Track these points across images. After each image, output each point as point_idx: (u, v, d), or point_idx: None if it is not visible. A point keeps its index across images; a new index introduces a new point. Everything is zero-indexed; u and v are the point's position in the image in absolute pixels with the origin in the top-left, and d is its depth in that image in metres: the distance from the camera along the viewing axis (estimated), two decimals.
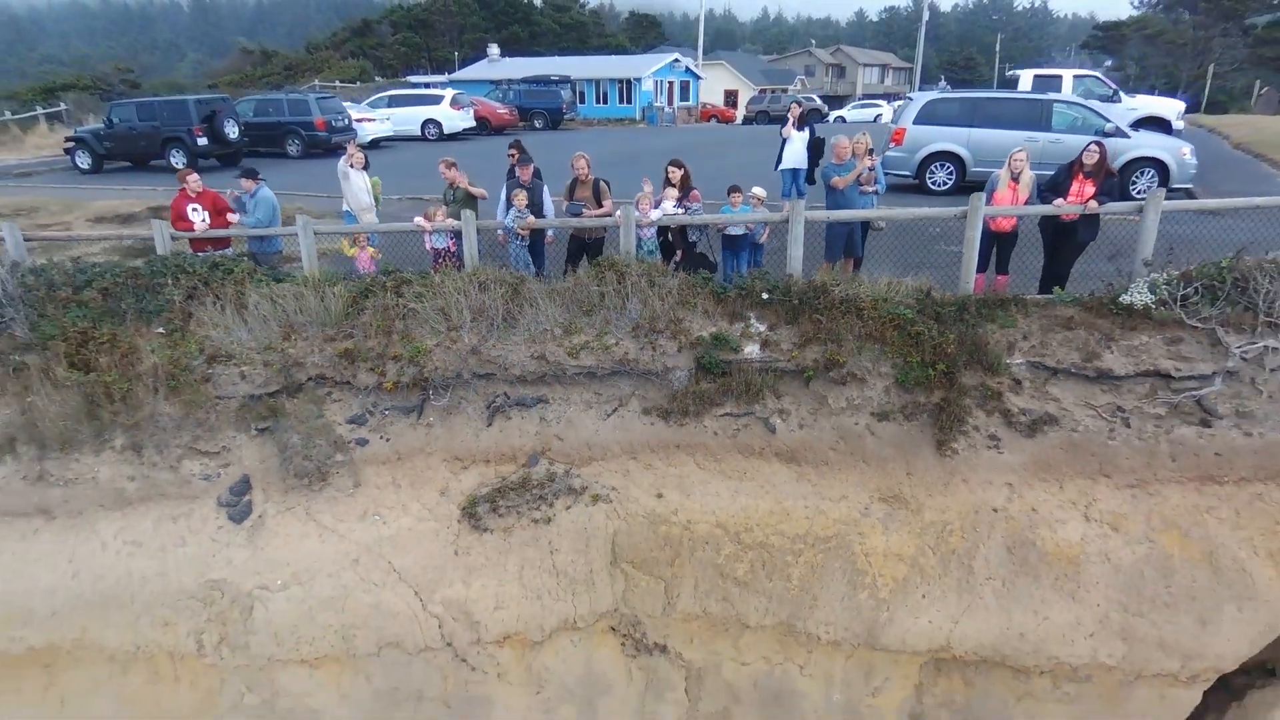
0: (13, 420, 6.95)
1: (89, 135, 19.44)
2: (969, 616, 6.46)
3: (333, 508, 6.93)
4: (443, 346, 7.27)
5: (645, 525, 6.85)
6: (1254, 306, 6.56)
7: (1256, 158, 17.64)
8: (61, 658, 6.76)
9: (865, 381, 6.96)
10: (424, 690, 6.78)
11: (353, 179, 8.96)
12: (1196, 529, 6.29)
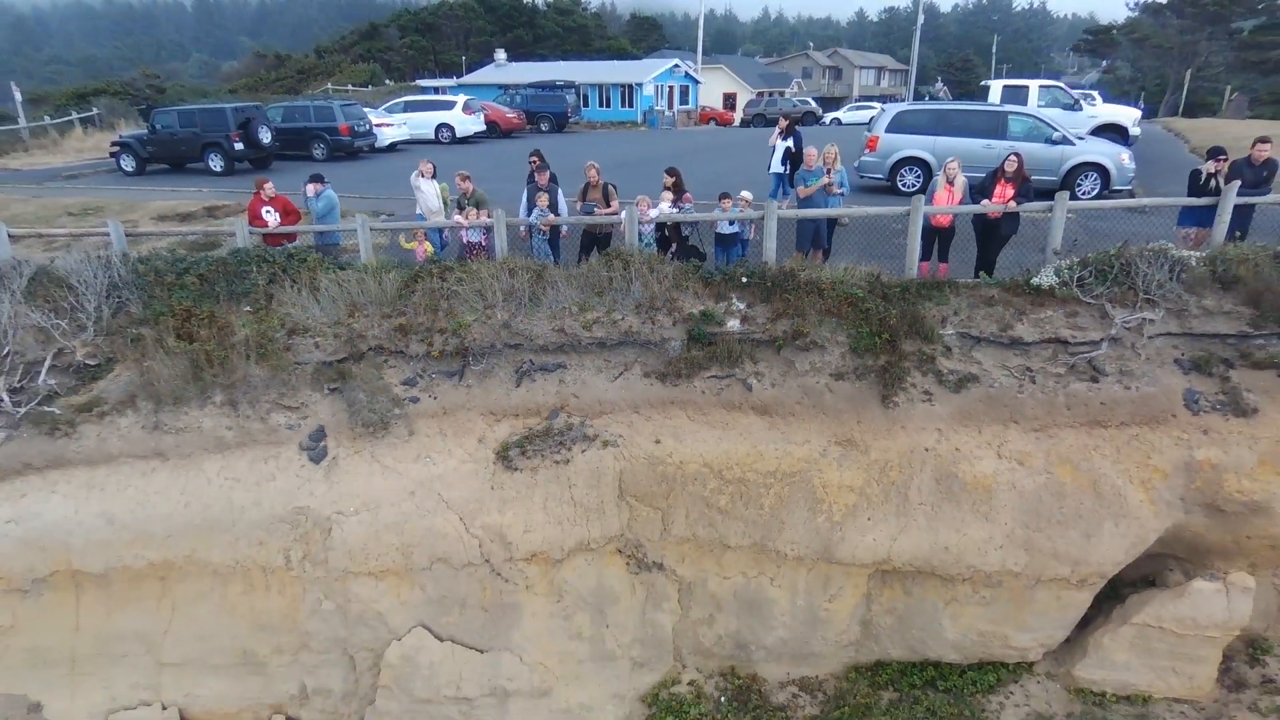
0: (133, 381, 8.56)
1: (133, 140, 21.05)
2: (905, 535, 8.05)
3: (392, 451, 8.53)
4: (479, 322, 8.88)
5: (646, 466, 8.44)
6: (1135, 286, 8.17)
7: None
8: (174, 572, 8.36)
9: (825, 349, 8.56)
10: (467, 598, 8.37)
11: (424, 188, 10.55)
12: (1085, 463, 7.88)
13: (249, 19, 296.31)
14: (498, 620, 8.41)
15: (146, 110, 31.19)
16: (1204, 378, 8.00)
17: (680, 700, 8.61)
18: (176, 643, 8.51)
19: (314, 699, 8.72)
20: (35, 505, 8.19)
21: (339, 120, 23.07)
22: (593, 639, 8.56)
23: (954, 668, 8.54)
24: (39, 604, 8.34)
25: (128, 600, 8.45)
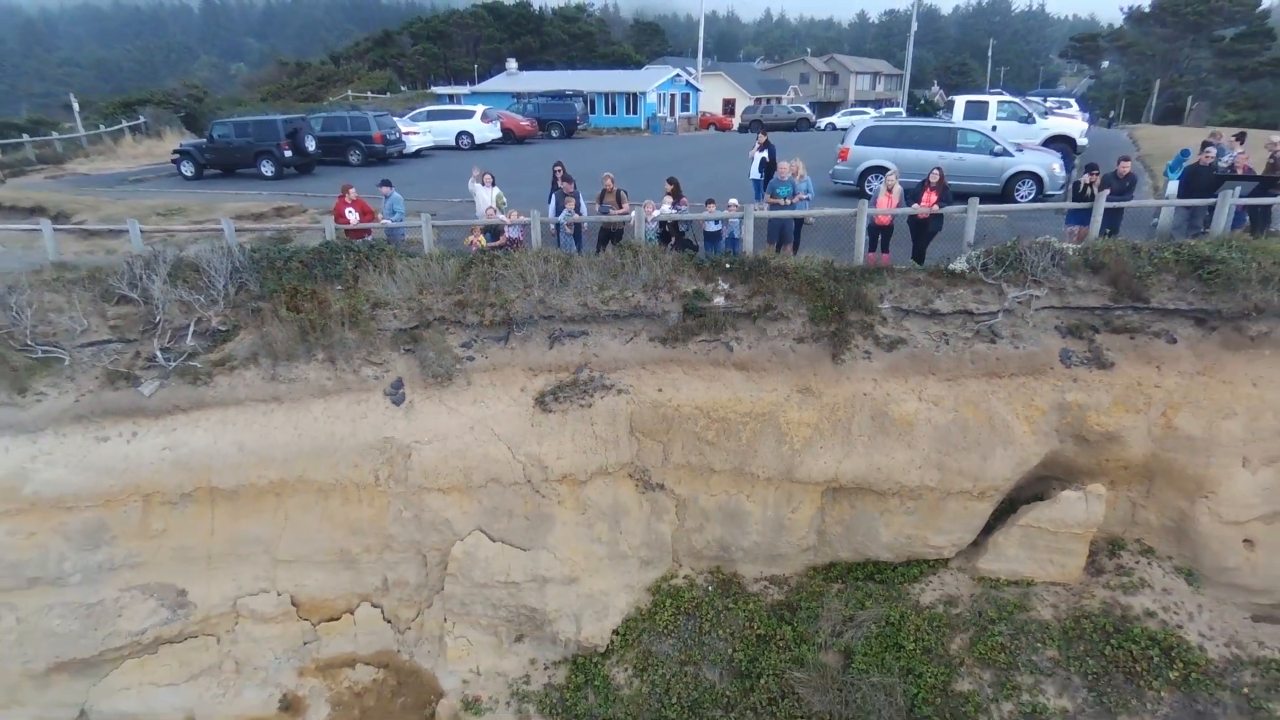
0: (255, 343, 11.07)
1: (192, 148, 23.61)
2: (848, 459, 10.55)
3: (455, 397, 11.04)
4: (520, 298, 11.38)
5: (650, 408, 10.93)
6: (1025, 270, 10.67)
7: (1146, 169, 21.71)
8: (287, 488, 10.87)
9: (789, 319, 11.05)
10: (513, 509, 10.87)
11: (480, 194, 13.07)
12: (983, 404, 10.38)
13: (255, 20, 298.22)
14: (536, 526, 10.91)
15: (188, 118, 33.86)
16: (1076, 340, 10.49)
17: (677, 590, 11.12)
18: (288, 544, 11.03)
19: (393, 590, 11.25)
20: (183, 437, 10.71)
21: (373, 129, 25.61)
22: (609, 542, 11.07)
23: (888, 565, 11.04)
24: (184, 514, 10.85)
25: (251, 511, 10.97)
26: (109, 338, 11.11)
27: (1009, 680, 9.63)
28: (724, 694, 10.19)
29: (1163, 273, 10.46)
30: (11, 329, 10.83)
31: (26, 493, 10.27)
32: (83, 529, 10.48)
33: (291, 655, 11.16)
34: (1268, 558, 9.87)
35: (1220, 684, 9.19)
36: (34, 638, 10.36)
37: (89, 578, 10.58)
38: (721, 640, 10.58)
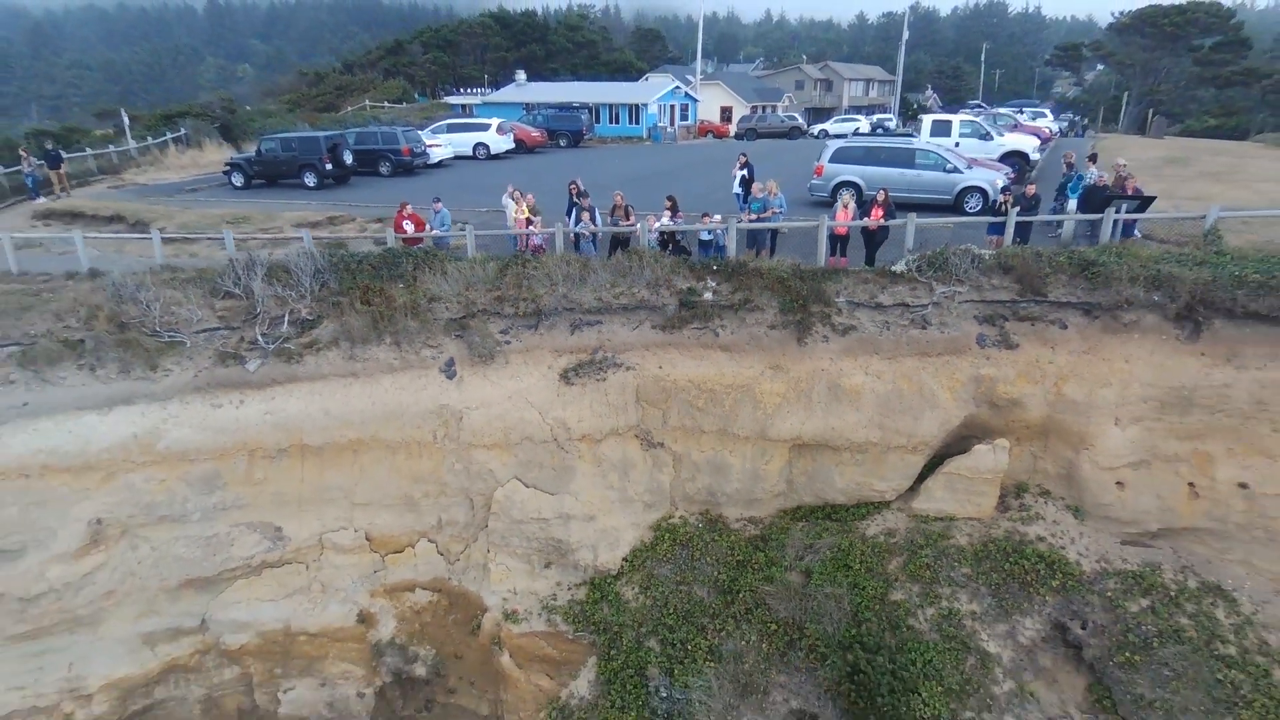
0: (336, 330, 13.82)
1: (242, 161, 26.37)
2: (809, 421, 13.29)
3: (496, 373, 13.79)
4: (548, 293, 14.12)
5: (653, 381, 13.67)
6: (950, 271, 13.41)
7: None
8: (362, 446, 13.62)
9: (764, 310, 13.79)
10: (543, 462, 13.62)
11: (510, 207, 15.81)
12: (915, 377, 13.12)
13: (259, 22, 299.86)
14: (561, 476, 13.66)
15: (223, 129, 36.62)
16: (989, 327, 13.23)
17: (674, 526, 13.88)
18: (362, 491, 13.79)
19: (446, 528, 14.01)
20: (280, 404, 13.46)
21: (401, 143, 28.38)
22: (619, 489, 13.82)
23: (841, 506, 13.79)
24: (280, 466, 13.61)
25: (333, 464, 13.73)
26: (218, 325, 13.88)
27: (932, 591, 12.37)
28: (710, 605, 12.94)
29: (1059, 273, 13.21)
30: (143, 318, 13.60)
31: (159, 448, 13.03)
32: (201, 477, 13.25)
33: (365, 580, 13.94)
34: (1134, 496, 12.61)
35: (1090, 589, 11.93)
36: (165, 562, 13.13)
37: (206, 516, 13.36)
38: (708, 565, 13.34)
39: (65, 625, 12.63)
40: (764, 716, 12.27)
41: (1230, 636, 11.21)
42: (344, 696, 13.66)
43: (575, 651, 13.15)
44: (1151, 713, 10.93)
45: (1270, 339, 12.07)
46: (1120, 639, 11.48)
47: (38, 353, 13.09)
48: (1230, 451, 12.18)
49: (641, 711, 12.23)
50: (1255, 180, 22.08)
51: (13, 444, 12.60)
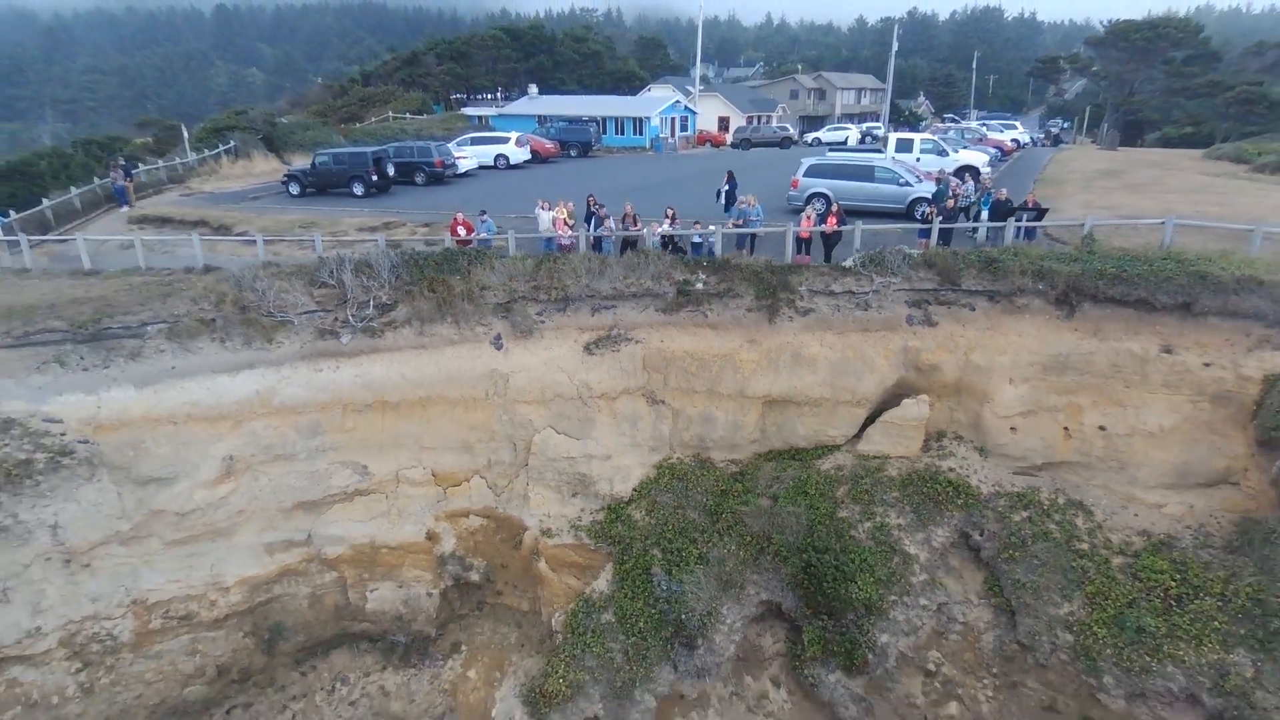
0: (409, 312, 17.70)
1: (298, 172, 30.28)
2: (777, 382, 17.17)
3: (534, 345, 17.68)
4: (574, 283, 18.01)
5: (656, 352, 17.56)
6: (886, 266, 17.28)
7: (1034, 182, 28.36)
8: (430, 402, 17.50)
9: (742, 296, 17.68)
10: (571, 414, 17.50)
11: (541, 216, 19.71)
12: (859, 348, 17.00)
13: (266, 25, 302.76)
14: (585, 425, 17.54)
15: (267, 141, 40.52)
16: (916, 309, 17.11)
17: (672, 465, 17.75)
18: (429, 437, 17.67)
19: (494, 466, 17.90)
20: (366, 369, 17.34)
21: (434, 156, 32.30)
22: (630, 436, 17.70)
23: (803, 449, 17.65)
24: (365, 418, 17.49)
25: (407, 416, 17.61)
26: (316, 309, 17.78)
27: (869, 510, 16.23)
28: (700, 523, 16.81)
29: (969, 268, 17.08)
30: (259, 303, 17.50)
31: (274, 403, 16.92)
32: (307, 426, 17.14)
33: (431, 507, 17.83)
34: (1024, 438, 16.46)
35: (986, 506, 15.80)
36: (280, 490, 17.02)
37: (310, 455, 17.25)
38: (698, 494, 17.22)
39: (208, 535, 16.52)
40: (740, 605, 16.17)
41: (1085, 537, 15.08)
42: (416, 595, 17.52)
43: (596, 558, 17.04)
44: (1025, 592, 14.80)
45: (1123, 317, 15.96)
46: (1006, 541, 15.35)
47: (181, 329, 17.00)
48: (1094, 403, 16.05)
49: (648, 600, 16.12)
50: (1166, 192, 25.96)
51: (165, 398, 16.50)
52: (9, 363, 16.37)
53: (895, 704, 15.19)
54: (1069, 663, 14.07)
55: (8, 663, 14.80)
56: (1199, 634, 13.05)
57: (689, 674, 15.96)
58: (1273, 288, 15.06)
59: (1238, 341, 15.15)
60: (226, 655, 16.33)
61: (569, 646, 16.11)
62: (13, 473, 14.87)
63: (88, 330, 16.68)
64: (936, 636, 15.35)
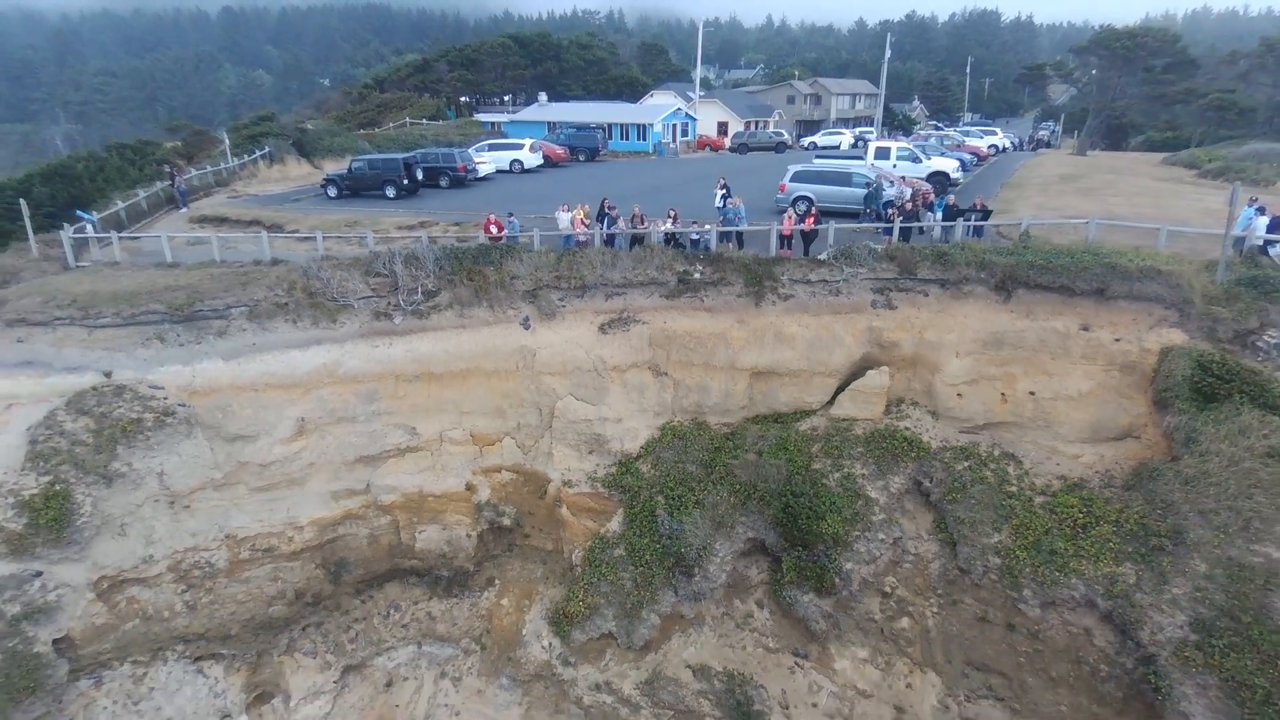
0: (451, 297, 20.90)
1: (336, 176, 33.49)
2: (763, 355, 20.36)
3: (556, 325, 20.87)
4: (590, 273, 21.20)
5: (660, 331, 20.75)
6: (855, 259, 20.49)
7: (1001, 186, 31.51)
8: (469, 373, 20.69)
9: (733, 284, 20.88)
10: (588, 384, 20.68)
11: (561, 217, 22.92)
12: (831, 327, 20.18)
13: (271, 27, 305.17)
14: (600, 393, 20.74)
15: (298, 146, 43.72)
16: (879, 295, 20.29)
17: (674, 427, 20.91)
18: (468, 403, 20.87)
19: (523, 428, 21.10)
20: (415, 345, 20.55)
21: (458, 162, 35.51)
22: (638, 402, 20.89)
23: (785, 414, 20.81)
24: (414, 387, 20.69)
25: (449, 386, 20.82)
26: (371, 295, 20.98)
27: (838, 462, 19.37)
28: (696, 474, 19.95)
29: (924, 260, 20.26)
30: (324, 289, 20.70)
31: (339, 374, 20.13)
32: (365, 393, 20.34)
33: (469, 463, 21.03)
34: (968, 403, 19.61)
35: (935, 458, 18.93)
36: (343, 447, 20.22)
37: (368, 418, 20.45)
38: (696, 450, 20.38)
39: (285, 483, 19.73)
40: (730, 541, 19.36)
41: (1014, 482, 18.23)
42: (457, 537, 20.70)
43: (609, 504, 20.24)
44: (964, 527, 17.95)
45: (1050, 301, 19.13)
46: (950, 486, 18.51)
47: (260, 311, 20.22)
48: (1025, 372, 19.21)
49: (653, 538, 19.31)
50: (1113, 195, 29.15)
51: (247, 370, 19.72)
52: (120, 339, 19.64)
53: (857, 619, 18.39)
54: (997, 581, 17.24)
55: (127, 584, 18.02)
56: (1096, 553, 16.21)
57: (687, 598, 19.15)
58: (1169, 276, 18.24)
59: (1141, 320, 18.33)
60: (301, 582, 19.54)
61: (587, 576, 19.32)
62: (127, 429, 18.12)
63: (183, 312, 19.92)
64: (892, 565, 18.53)
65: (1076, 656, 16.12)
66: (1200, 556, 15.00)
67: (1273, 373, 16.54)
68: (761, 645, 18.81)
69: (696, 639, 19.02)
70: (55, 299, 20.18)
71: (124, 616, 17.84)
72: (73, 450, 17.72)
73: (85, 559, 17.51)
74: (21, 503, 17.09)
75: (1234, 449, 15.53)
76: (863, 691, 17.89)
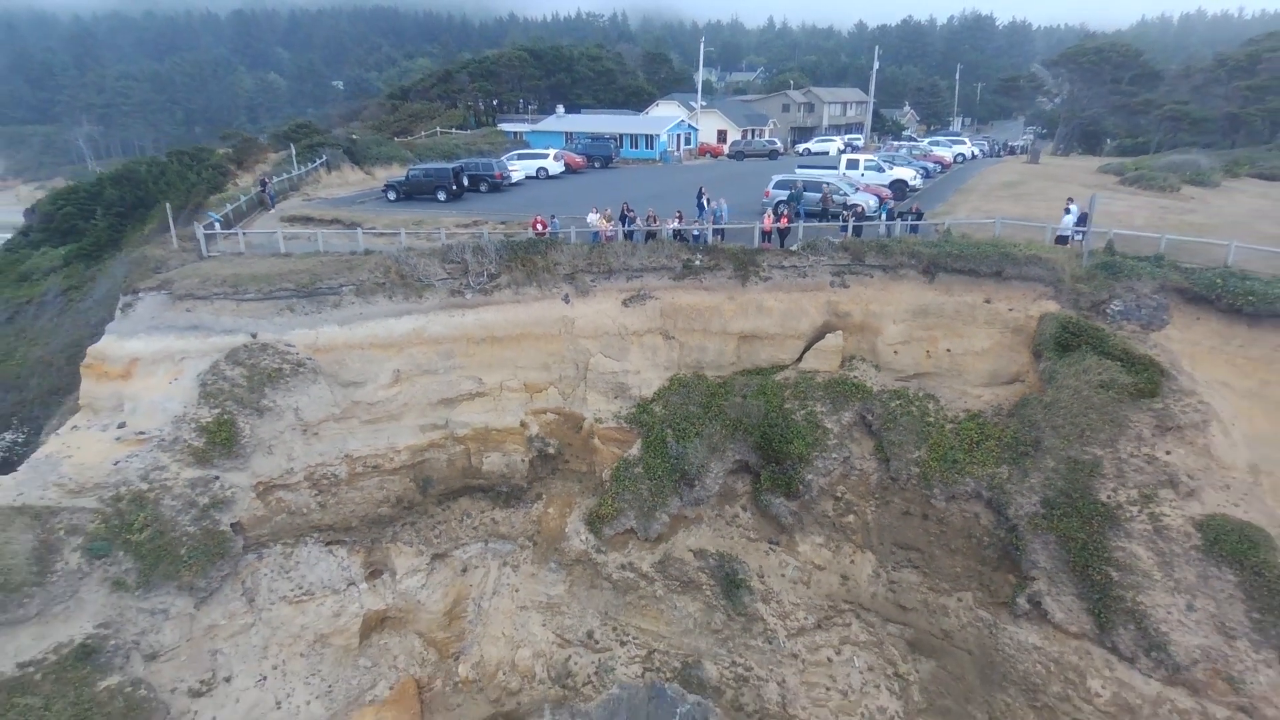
0: (509, 279, 27.27)
1: (395, 182, 39.84)
2: (748, 322, 26.72)
3: (590, 300, 27.23)
4: (615, 261, 27.58)
5: (669, 304, 27.11)
6: (818, 249, 26.87)
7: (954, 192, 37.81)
8: (523, 337, 27.02)
9: (725, 269, 27.26)
10: (614, 345, 27.04)
11: (591, 218, 29.31)
12: (799, 301, 26.54)
13: (282, 30, 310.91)
14: (623, 352, 27.12)
15: (349, 154, 50.09)
16: (836, 277, 26.64)
17: (680, 378, 27.23)
18: (521, 360, 27.25)
19: (563, 380, 27.48)
20: (482, 316, 26.93)
21: (495, 170, 41.88)
22: (652, 359, 27.26)
23: (764, 367, 27.15)
24: (480, 347, 27.06)
25: (507, 346, 27.20)
26: (447, 277, 27.36)
27: (804, 403, 25.70)
28: (697, 413, 26.30)
29: (870, 251, 26.59)
30: (412, 272, 27.09)
31: (424, 336, 26.52)
32: (444, 351, 26.73)
33: (522, 406, 27.40)
34: (902, 358, 25.91)
35: (876, 399, 25.25)
36: (428, 392, 26.58)
37: (445, 371, 26.83)
38: (696, 395, 26.73)
39: (386, 418, 26.09)
40: (722, 461, 25.70)
41: (932, 414, 24.54)
42: (514, 461, 27.02)
43: (630, 436, 26.60)
44: (895, 447, 24.24)
45: (963, 281, 25.46)
46: (886, 418, 24.82)
47: (364, 288, 26.62)
48: (944, 335, 25.52)
49: (664, 459, 25.65)
50: (1041, 200, 35.45)
51: (356, 333, 26.09)
52: (261, 309, 26.06)
53: (815, 516, 24.75)
54: (916, 485, 23.58)
55: (276, 488, 24.40)
56: (984, 460, 22.53)
57: (689, 503, 25.53)
58: (1047, 262, 24.58)
59: (1028, 295, 24.67)
60: (400, 491, 25.94)
61: (613, 489, 25.70)
62: (271, 375, 24.53)
63: (306, 289, 26.32)
64: (842, 476, 24.88)
65: (968, 533, 22.49)
66: (1050, 457, 21.37)
67: (1113, 330, 22.89)
68: (745, 536, 25.19)
69: (696, 532, 25.40)
70: (209, 280, 26.58)
71: (275, 511, 24.22)
72: (233, 390, 24.12)
73: (247, 469, 23.89)
74: (201, 427, 23.47)
75: (1077, 382, 21.90)
76: (818, 566, 24.27)
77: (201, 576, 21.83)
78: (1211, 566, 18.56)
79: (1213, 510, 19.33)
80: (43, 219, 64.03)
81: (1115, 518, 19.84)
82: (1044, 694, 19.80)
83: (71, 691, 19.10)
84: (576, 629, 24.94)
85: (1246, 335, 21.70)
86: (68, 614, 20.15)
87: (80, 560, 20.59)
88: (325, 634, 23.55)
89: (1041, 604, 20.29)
